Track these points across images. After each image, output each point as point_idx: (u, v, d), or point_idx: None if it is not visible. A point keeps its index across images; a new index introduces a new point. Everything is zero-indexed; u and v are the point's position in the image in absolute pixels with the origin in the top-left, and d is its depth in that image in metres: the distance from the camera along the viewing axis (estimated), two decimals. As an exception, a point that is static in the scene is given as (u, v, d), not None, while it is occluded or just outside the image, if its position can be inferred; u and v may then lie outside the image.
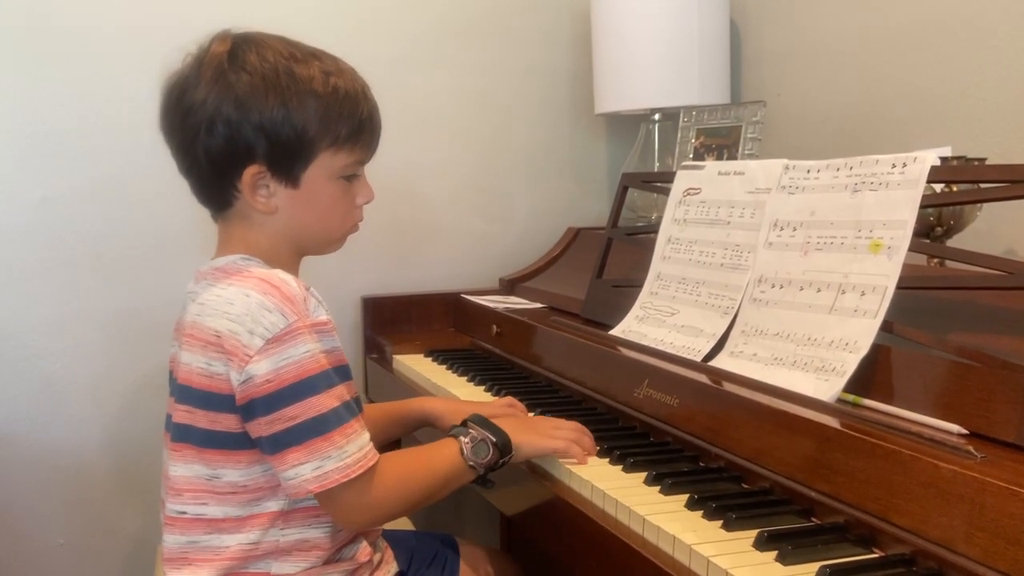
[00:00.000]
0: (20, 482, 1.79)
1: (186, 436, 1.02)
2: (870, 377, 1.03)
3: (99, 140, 1.78)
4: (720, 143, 1.70)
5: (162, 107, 1.04)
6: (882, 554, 0.85)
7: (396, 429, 1.33)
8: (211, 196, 1.06)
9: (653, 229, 1.49)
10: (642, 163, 1.98)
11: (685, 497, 0.97)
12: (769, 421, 1.01)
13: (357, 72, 1.08)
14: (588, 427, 1.18)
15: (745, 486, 1.02)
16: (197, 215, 1.09)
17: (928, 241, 1.22)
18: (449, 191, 2.10)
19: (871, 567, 0.82)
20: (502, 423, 1.10)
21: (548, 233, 2.12)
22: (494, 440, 1.07)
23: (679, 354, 1.28)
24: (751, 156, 1.63)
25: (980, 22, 1.44)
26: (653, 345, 1.33)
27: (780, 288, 1.19)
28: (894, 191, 1.09)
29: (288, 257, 1.08)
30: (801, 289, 1.16)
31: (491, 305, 1.82)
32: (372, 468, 0.98)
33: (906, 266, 1.04)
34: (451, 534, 1.35)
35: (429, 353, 1.77)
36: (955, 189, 1.15)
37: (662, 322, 1.37)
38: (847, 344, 1.06)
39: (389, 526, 1.18)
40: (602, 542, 0.97)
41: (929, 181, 1.07)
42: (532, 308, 1.79)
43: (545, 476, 1.12)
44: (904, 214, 1.06)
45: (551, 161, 2.19)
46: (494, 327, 1.74)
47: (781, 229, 1.23)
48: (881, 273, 1.06)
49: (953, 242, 1.23)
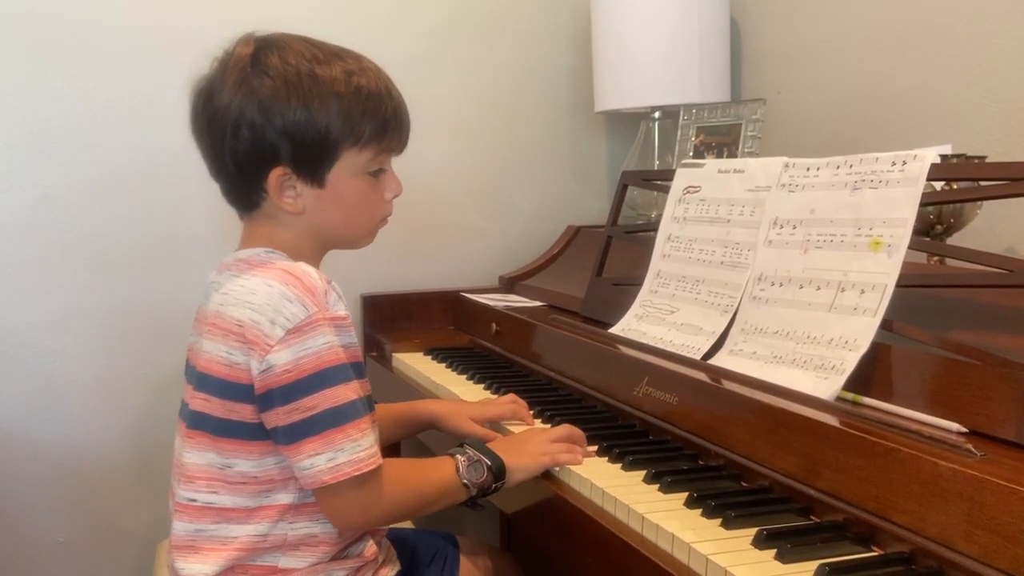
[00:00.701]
0: (20, 480, 1.79)
1: (202, 424, 1.03)
2: (870, 375, 1.03)
3: (99, 138, 1.78)
4: (720, 141, 1.70)
5: (191, 112, 1.06)
6: (881, 552, 0.85)
7: (400, 431, 1.33)
8: (240, 197, 1.07)
9: (653, 227, 1.49)
10: (642, 161, 1.98)
11: (684, 495, 0.97)
12: (768, 419, 1.01)
13: (381, 69, 1.09)
14: (587, 425, 1.18)
15: (744, 484, 1.02)
16: (199, 213, 1.10)
17: (928, 239, 1.22)
18: (449, 189, 2.09)
19: (870, 565, 0.82)
20: (497, 448, 1.12)
21: (548, 231, 2.12)
22: (489, 463, 1.09)
23: (679, 352, 1.28)
24: (751, 154, 1.63)
25: (980, 20, 1.44)
26: (653, 343, 1.33)
27: (780, 286, 1.19)
28: (894, 189, 1.09)
29: (313, 254, 1.09)
30: (801, 287, 1.16)
31: (491, 303, 1.82)
32: (379, 469, 0.99)
33: (906, 264, 1.04)
34: (451, 532, 1.35)
35: (429, 351, 1.77)
36: (955, 187, 1.15)
37: (662, 320, 1.37)
38: (847, 342, 1.06)
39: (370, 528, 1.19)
40: (601, 540, 0.97)
41: (929, 179, 1.06)
42: (532, 306, 1.78)
43: (545, 475, 1.12)
44: (904, 212, 1.06)
45: (551, 159, 2.19)
46: (494, 325, 1.74)
47: (781, 227, 1.22)
48: (881, 271, 1.06)
49: (953, 240, 1.23)
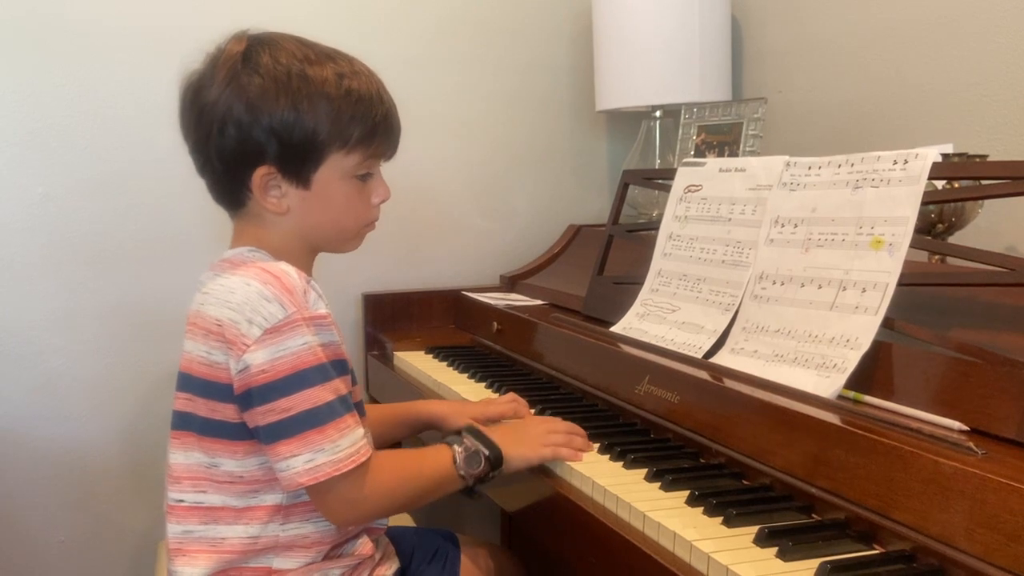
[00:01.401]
0: (21, 479, 1.79)
1: (187, 424, 1.03)
2: (871, 374, 1.03)
3: (101, 137, 1.78)
4: (721, 140, 1.70)
5: (180, 106, 1.05)
6: (882, 550, 0.85)
7: (401, 431, 1.33)
8: (225, 195, 1.07)
9: (654, 226, 1.49)
10: (643, 160, 1.98)
11: (686, 493, 0.97)
12: (770, 418, 1.01)
13: (374, 73, 1.08)
14: (588, 424, 1.18)
15: (745, 482, 1.02)
16: (198, 212, 1.10)
17: (929, 238, 1.22)
18: (450, 188, 2.09)
19: (871, 563, 0.82)
20: (495, 435, 1.11)
21: (549, 230, 2.12)
22: (487, 453, 1.08)
23: (680, 351, 1.28)
24: (752, 153, 1.63)
25: (982, 19, 1.44)
26: (654, 342, 1.33)
27: (781, 285, 1.19)
28: (895, 188, 1.09)
29: (301, 254, 1.09)
30: (802, 286, 1.16)
31: (492, 302, 1.82)
32: (364, 464, 0.99)
33: (907, 263, 1.05)
34: (452, 530, 1.35)
35: (430, 350, 1.77)
36: (956, 186, 1.15)
37: (663, 319, 1.37)
38: (848, 341, 1.06)
39: (391, 522, 1.19)
40: (603, 538, 0.97)
41: (930, 178, 1.06)
42: (533, 305, 1.79)
43: (546, 473, 1.12)
44: (905, 211, 1.06)
45: (552, 158, 2.19)
46: (495, 324, 1.74)
47: (782, 226, 1.22)
48: (882, 270, 1.06)
49: (954, 239, 1.23)
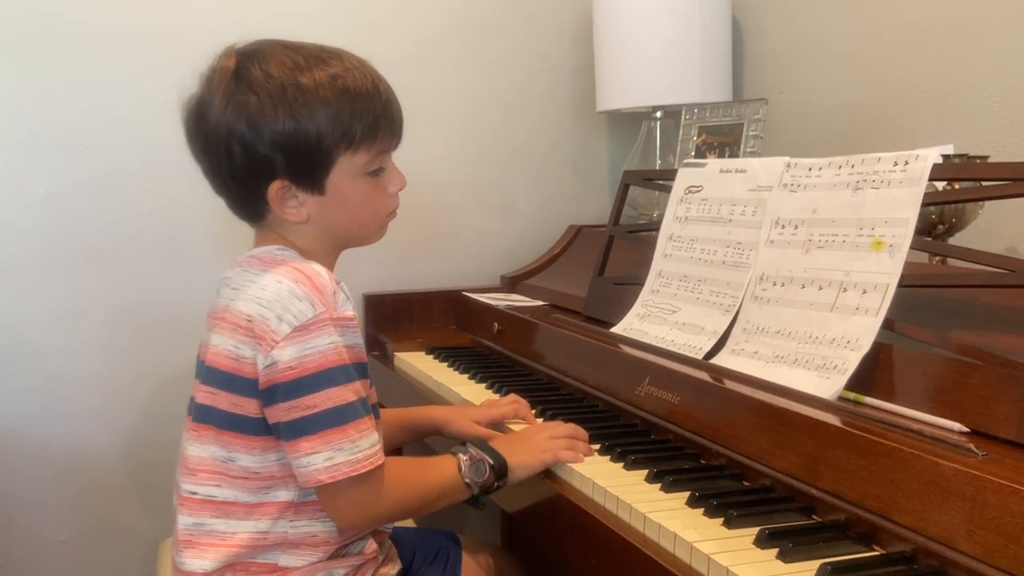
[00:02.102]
0: (22, 478, 1.79)
1: (207, 417, 1.03)
2: (871, 375, 1.03)
3: (102, 136, 1.78)
4: (722, 141, 1.70)
5: (186, 132, 1.06)
6: (883, 552, 0.85)
7: (404, 436, 1.33)
8: (245, 211, 1.08)
9: (655, 227, 1.49)
10: (644, 161, 1.98)
11: (686, 495, 0.97)
12: (770, 419, 1.01)
13: (367, 63, 1.07)
14: (589, 425, 1.18)
15: (746, 484, 1.02)
16: (200, 212, 1.10)
17: (930, 239, 1.22)
18: (450, 189, 2.09)
19: (872, 565, 0.82)
20: (499, 446, 1.12)
21: (549, 231, 2.13)
22: (491, 462, 1.09)
23: (680, 352, 1.28)
24: (753, 154, 1.63)
25: (982, 20, 1.44)
26: (654, 343, 1.33)
27: (781, 286, 1.19)
28: (896, 189, 1.09)
29: (326, 255, 1.10)
30: (803, 287, 1.16)
31: (492, 303, 1.82)
32: (379, 468, 1.00)
33: (908, 264, 1.05)
34: (453, 531, 1.35)
35: (430, 350, 1.77)
36: (957, 187, 1.15)
37: (663, 320, 1.37)
38: (848, 342, 1.06)
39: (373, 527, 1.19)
40: (603, 539, 0.97)
41: (931, 179, 1.07)
42: (533, 306, 1.79)
43: (547, 474, 1.12)
44: (906, 212, 1.07)
45: (553, 159, 2.19)
46: (495, 325, 1.74)
47: (783, 227, 1.23)
48: (883, 271, 1.06)
49: (955, 240, 1.23)
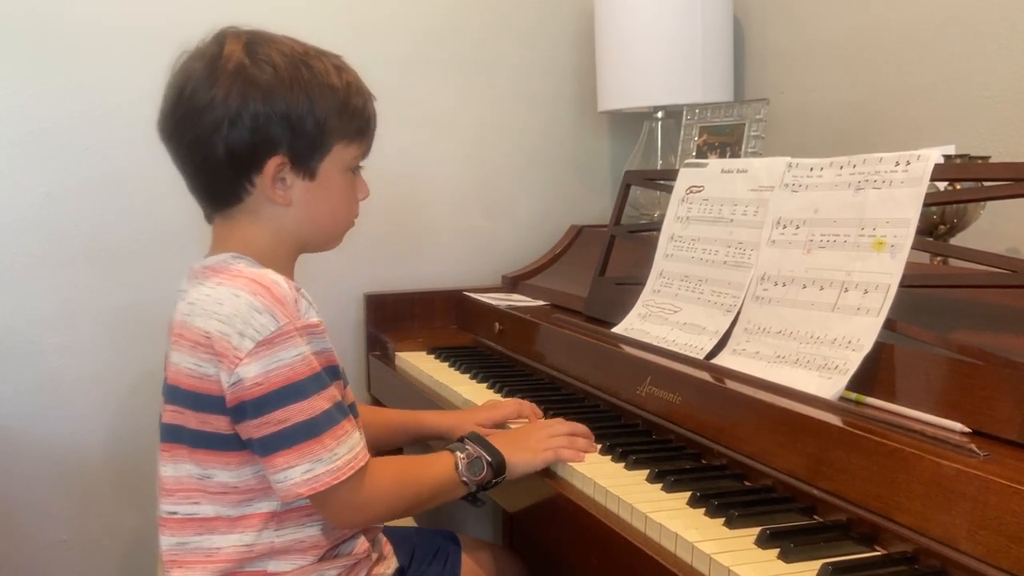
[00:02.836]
0: (23, 478, 1.79)
1: (177, 436, 1.01)
2: (873, 375, 1.03)
3: (103, 136, 1.78)
4: (723, 141, 1.70)
5: (169, 106, 1.02)
6: (884, 552, 0.85)
7: (404, 440, 1.33)
8: (220, 192, 1.04)
9: (656, 227, 1.49)
10: (645, 161, 1.98)
11: (687, 495, 0.97)
12: (771, 419, 1.01)
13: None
14: (590, 424, 1.18)
15: (747, 484, 1.02)
16: (201, 211, 1.09)
17: (931, 239, 1.21)
18: (452, 188, 2.10)
19: (873, 565, 0.82)
20: (497, 442, 1.11)
21: (551, 231, 2.13)
22: (489, 459, 1.08)
23: (681, 352, 1.28)
24: (754, 154, 1.63)
25: (984, 19, 1.44)
26: (655, 343, 1.33)
27: (783, 286, 1.19)
28: (897, 189, 1.09)
29: (286, 256, 1.07)
30: (804, 287, 1.16)
31: (493, 302, 1.82)
32: (363, 468, 0.98)
33: (909, 264, 1.04)
34: (453, 530, 1.35)
35: (432, 350, 1.77)
36: (958, 187, 1.15)
37: (665, 320, 1.37)
38: (850, 342, 1.06)
39: (391, 523, 1.19)
40: (604, 539, 0.97)
41: (932, 179, 1.06)
42: (534, 306, 1.79)
43: (547, 474, 1.12)
44: (907, 212, 1.06)
45: (554, 158, 2.19)
46: (496, 324, 1.74)
47: (784, 227, 1.22)
48: (884, 271, 1.06)
49: (956, 240, 1.23)
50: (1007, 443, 0.87)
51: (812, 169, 1.22)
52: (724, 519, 0.91)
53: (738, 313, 1.25)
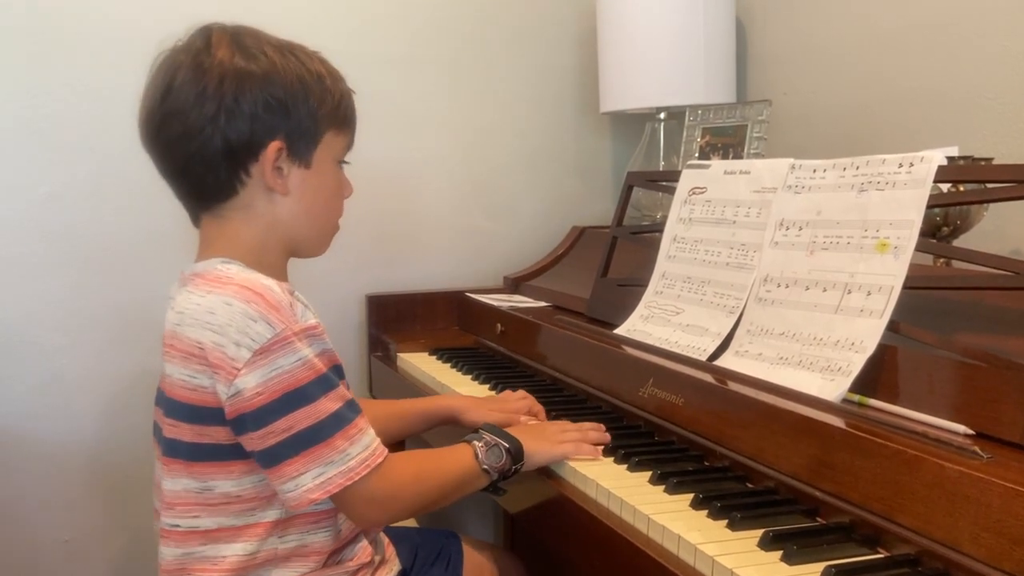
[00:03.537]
0: (25, 478, 1.79)
1: (175, 451, 1.00)
2: (876, 377, 1.03)
3: (103, 135, 1.78)
4: (726, 142, 1.70)
5: (154, 103, 1.01)
6: (887, 554, 0.85)
7: (416, 425, 1.31)
8: (212, 188, 1.01)
9: (658, 228, 1.49)
10: (647, 162, 1.98)
11: (690, 496, 0.97)
12: (774, 421, 1.01)
13: None
14: (592, 426, 1.18)
15: (750, 485, 1.02)
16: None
17: (934, 241, 1.21)
18: (453, 189, 2.09)
19: (876, 567, 0.82)
20: (514, 433, 1.11)
21: (553, 232, 2.12)
22: (507, 446, 1.07)
23: (684, 353, 1.28)
24: (757, 155, 1.62)
25: (987, 21, 1.44)
26: (658, 344, 1.33)
27: (786, 287, 1.19)
28: (900, 191, 1.09)
29: (276, 257, 1.05)
30: (807, 289, 1.16)
31: (495, 304, 1.82)
32: (380, 464, 0.97)
33: (912, 266, 1.04)
34: (455, 531, 1.35)
35: (433, 351, 1.77)
36: (962, 189, 1.14)
37: (667, 321, 1.37)
38: (853, 344, 1.06)
39: (393, 524, 1.19)
40: (606, 541, 0.97)
41: (936, 181, 1.06)
42: (536, 307, 1.78)
43: (550, 474, 1.12)
44: (910, 214, 1.06)
45: (556, 160, 2.19)
46: (498, 326, 1.74)
47: (787, 228, 1.22)
48: (887, 273, 1.06)
49: (960, 242, 1.23)
50: (1010, 445, 0.87)
51: (815, 170, 1.22)
52: (727, 521, 0.91)
53: (741, 314, 1.25)
